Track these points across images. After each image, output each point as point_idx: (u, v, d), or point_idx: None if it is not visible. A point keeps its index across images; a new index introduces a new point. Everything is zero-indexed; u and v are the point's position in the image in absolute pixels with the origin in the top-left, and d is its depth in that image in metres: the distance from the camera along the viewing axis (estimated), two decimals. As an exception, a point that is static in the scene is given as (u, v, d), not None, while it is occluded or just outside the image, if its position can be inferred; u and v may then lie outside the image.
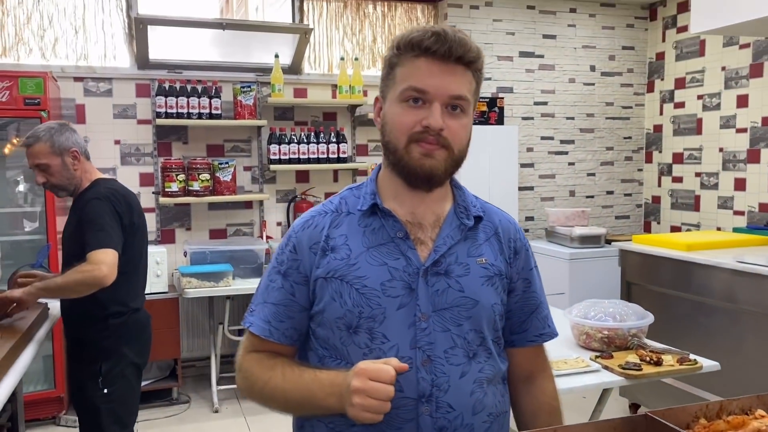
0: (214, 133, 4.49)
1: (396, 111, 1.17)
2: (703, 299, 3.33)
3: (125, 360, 2.43)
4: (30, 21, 4.12)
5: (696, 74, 5.00)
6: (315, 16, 4.72)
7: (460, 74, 1.16)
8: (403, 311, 1.17)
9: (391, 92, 1.19)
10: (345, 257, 1.19)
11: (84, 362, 2.40)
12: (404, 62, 1.16)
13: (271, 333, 1.22)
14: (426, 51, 1.14)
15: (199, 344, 4.49)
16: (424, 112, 1.14)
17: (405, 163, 1.17)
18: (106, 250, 2.25)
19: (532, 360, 1.36)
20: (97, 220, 2.29)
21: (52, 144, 2.39)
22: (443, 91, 1.14)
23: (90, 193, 2.40)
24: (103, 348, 2.38)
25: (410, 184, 1.20)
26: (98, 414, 2.38)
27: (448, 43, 1.13)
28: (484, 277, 1.23)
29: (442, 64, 1.14)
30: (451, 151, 1.17)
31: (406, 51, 1.16)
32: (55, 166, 2.40)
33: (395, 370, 1.05)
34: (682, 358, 2.29)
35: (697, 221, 5.02)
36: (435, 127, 1.13)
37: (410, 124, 1.15)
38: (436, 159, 1.16)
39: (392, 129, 1.18)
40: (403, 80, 1.16)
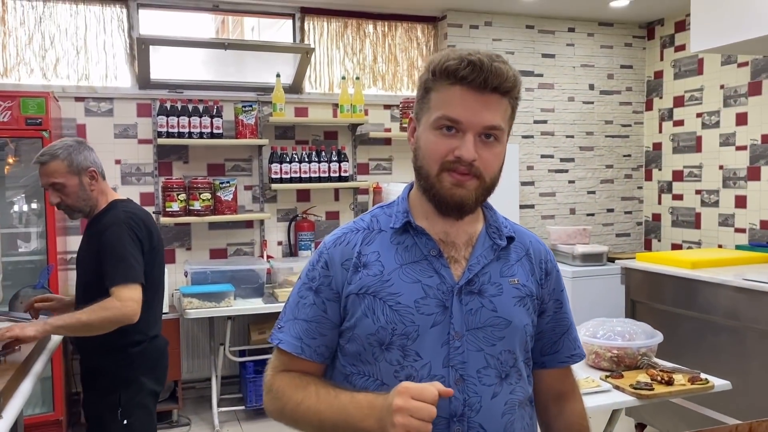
0: (215, 153, 4.49)
1: (429, 138, 1.16)
2: (709, 317, 3.31)
3: (144, 389, 2.33)
4: (32, 41, 4.12)
5: (695, 92, 5.02)
6: (316, 36, 4.74)
7: (495, 103, 1.14)
8: (436, 329, 1.15)
9: (425, 117, 1.17)
10: (378, 273, 1.18)
11: (101, 392, 2.29)
12: (439, 88, 1.15)
13: (303, 350, 1.21)
14: (462, 80, 1.12)
15: (199, 365, 4.44)
16: (457, 141, 1.13)
17: (436, 191, 1.16)
18: (131, 286, 2.17)
19: (562, 381, 1.35)
20: (119, 249, 2.20)
21: (70, 163, 2.28)
22: (477, 121, 1.13)
23: (108, 218, 2.29)
24: (122, 378, 2.28)
25: (441, 211, 1.19)
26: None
27: (484, 74, 1.11)
28: (516, 297, 1.22)
29: (477, 94, 1.12)
30: (483, 181, 1.16)
31: (442, 77, 1.14)
32: (71, 186, 2.28)
33: (440, 393, 1.03)
34: (693, 377, 2.27)
35: (698, 239, 5.02)
36: (467, 159, 1.12)
37: (443, 153, 1.14)
38: (466, 189, 1.15)
39: (425, 155, 1.17)
40: (438, 107, 1.14)
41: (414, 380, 1.13)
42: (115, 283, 2.16)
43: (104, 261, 2.20)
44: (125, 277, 2.17)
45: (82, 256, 2.36)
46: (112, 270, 2.18)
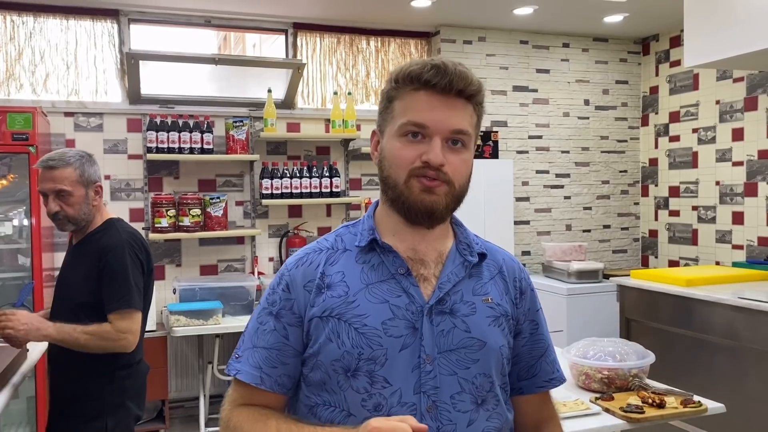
0: (206, 168, 4.44)
1: (395, 145, 1.12)
2: (704, 336, 3.25)
3: (130, 414, 2.27)
4: (21, 57, 4.10)
5: (690, 108, 4.99)
6: (308, 51, 4.72)
7: (460, 108, 1.11)
8: (406, 352, 1.09)
9: (389, 126, 1.14)
10: (343, 294, 1.12)
11: (87, 418, 2.19)
12: (403, 96, 1.12)
13: (262, 380, 1.13)
14: (426, 84, 1.10)
15: (187, 384, 4.36)
16: (424, 146, 1.09)
17: (405, 199, 1.11)
18: (132, 315, 2.15)
19: (540, 407, 1.28)
20: (123, 273, 2.16)
21: (81, 173, 2.22)
22: (444, 125, 1.09)
23: (109, 238, 2.22)
24: (110, 403, 2.20)
25: (410, 220, 1.14)
26: None
27: (449, 76, 1.09)
28: (490, 316, 1.16)
29: (442, 98, 1.10)
30: (453, 187, 1.12)
31: (405, 84, 1.12)
32: (78, 196, 2.21)
33: (414, 430, 0.96)
34: (686, 399, 2.20)
35: (695, 255, 4.96)
36: (435, 163, 1.08)
37: (410, 159, 1.10)
38: (437, 195, 1.10)
39: (391, 164, 1.12)
40: (402, 114, 1.11)
41: (383, 409, 1.07)
42: (115, 309, 2.13)
43: (105, 284, 2.15)
44: (127, 304, 2.14)
45: (70, 275, 2.28)
46: (114, 294, 2.14)
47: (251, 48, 7.15)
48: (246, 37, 7.22)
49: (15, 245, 3.83)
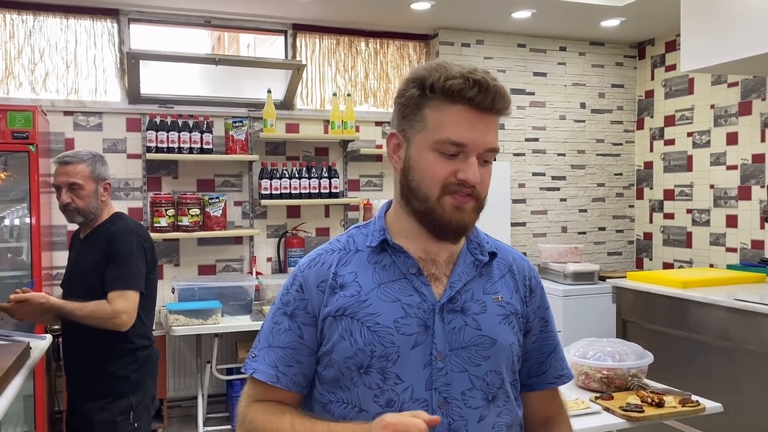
0: (205, 168, 4.45)
1: (430, 159, 1.11)
2: (700, 337, 3.29)
3: (149, 393, 2.49)
4: (21, 55, 4.10)
5: (685, 112, 5.04)
6: (308, 53, 4.74)
7: (494, 124, 1.12)
8: (418, 350, 1.11)
9: (420, 135, 1.12)
10: (355, 294, 1.14)
11: (114, 397, 2.37)
12: (438, 107, 1.09)
13: (278, 379, 1.16)
14: (469, 101, 1.08)
15: (185, 384, 4.37)
16: (458, 163, 1.09)
17: (437, 216, 1.12)
18: (127, 294, 2.31)
19: (549, 403, 1.31)
20: (126, 254, 2.34)
21: (93, 170, 2.45)
22: (481, 144, 1.10)
23: (117, 227, 2.43)
24: (133, 381, 2.40)
25: (438, 236, 1.15)
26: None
27: (491, 95, 1.08)
28: (501, 315, 1.18)
29: (482, 116, 1.09)
30: (480, 202, 1.14)
31: (441, 95, 1.09)
32: (88, 190, 2.43)
33: (426, 423, 0.98)
34: (684, 399, 2.24)
35: (689, 258, 5.01)
36: (473, 182, 1.09)
37: (445, 176, 1.10)
38: (466, 212, 1.12)
39: (423, 177, 1.11)
40: (440, 128, 1.09)
41: (395, 405, 1.09)
42: (115, 288, 2.30)
43: (110, 265, 2.34)
44: (126, 284, 2.32)
45: (82, 265, 2.44)
46: (115, 274, 2.33)
47: (245, 48, 7.16)
48: (240, 37, 7.23)
49: (14, 244, 3.83)
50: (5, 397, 1.94)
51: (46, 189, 3.95)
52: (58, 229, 4.11)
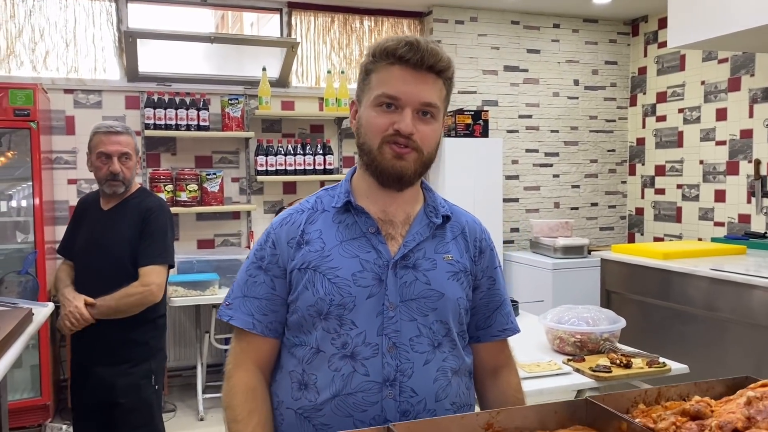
0: (203, 145, 4.56)
1: (370, 114, 1.24)
2: (681, 307, 3.40)
3: (165, 357, 2.67)
4: (21, 34, 4.19)
5: (677, 88, 5.10)
6: (303, 30, 4.81)
7: (431, 82, 1.23)
8: (372, 300, 1.23)
9: (366, 97, 1.26)
10: (319, 249, 1.26)
11: (137, 362, 2.49)
12: (379, 69, 1.23)
13: (254, 326, 1.28)
14: (400, 59, 1.21)
15: (185, 353, 4.52)
16: (396, 116, 1.22)
17: (378, 164, 1.24)
18: (158, 269, 2.44)
19: (497, 355, 1.42)
20: (162, 230, 2.48)
21: (135, 143, 2.58)
22: (414, 98, 1.21)
23: (150, 202, 2.54)
24: (153, 347, 2.54)
25: (382, 183, 1.27)
26: (152, 409, 2.53)
27: (421, 53, 1.20)
28: (450, 272, 1.30)
29: (414, 72, 1.21)
30: (421, 154, 1.24)
31: (381, 59, 1.23)
32: (133, 162, 2.54)
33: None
34: (651, 360, 2.35)
35: (679, 232, 5.10)
36: (405, 132, 1.21)
37: (383, 127, 1.22)
38: (406, 161, 1.23)
39: (367, 131, 1.25)
40: (378, 86, 1.23)
41: (348, 347, 1.22)
42: (149, 263, 2.43)
43: (146, 240, 2.45)
44: (161, 258, 2.46)
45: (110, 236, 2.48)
46: (154, 250, 2.45)
47: (249, 27, 7.22)
48: (243, 15, 7.29)
49: (19, 218, 3.95)
50: (6, 359, 2.06)
51: (48, 165, 4.07)
52: (60, 204, 4.24)
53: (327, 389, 1.21)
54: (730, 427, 0.86)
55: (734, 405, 0.92)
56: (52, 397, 3.85)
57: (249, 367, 1.29)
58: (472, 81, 5.13)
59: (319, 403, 1.22)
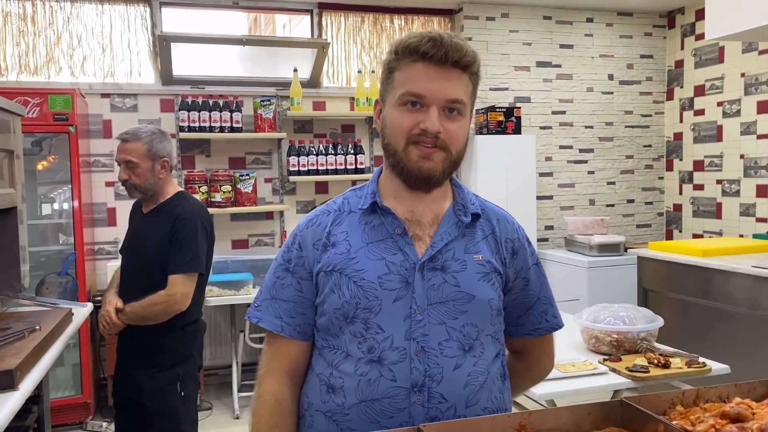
0: (236, 146, 4.61)
1: (395, 114, 1.20)
2: (722, 305, 3.31)
3: (195, 364, 2.59)
4: (60, 41, 4.30)
5: (715, 81, 4.97)
6: (333, 31, 4.83)
7: (456, 78, 1.19)
8: (399, 303, 1.20)
9: (389, 96, 1.22)
10: (345, 252, 1.23)
11: (163, 367, 2.49)
12: (402, 67, 1.20)
13: (282, 328, 1.27)
14: (423, 56, 1.17)
15: (221, 352, 4.58)
16: (421, 115, 1.17)
17: (404, 165, 1.20)
18: (183, 278, 2.40)
19: (531, 342, 1.40)
20: (191, 237, 2.43)
21: (149, 147, 2.47)
22: (440, 95, 1.17)
23: (182, 207, 2.49)
24: (180, 354, 2.51)
25: (409, 185, 1.23)
26: (177, 416, 2.50)
27: (444, 48, 1.16)
28: (480, 273, 1.25)
29: (438, 69, 1.17)
30: (449, 153, 1.20)
31: (404, 56, 1.19)
32: (144, 168, 2.47)
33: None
34: (691, 360, 2.30)
35: (719, 229, 4.98)
36: (432, 131, 1.17)
37: (408, 127, 1.18)
38: (434, 161, 1.19)
39: (391, 131, 1.21)
40: (402, 85, 1.19)
41: (375, 351, 1.19)
42: (176, 271, 2.40)
43: (175, 247, 2.42)
44: (188, 266, 2.42)
45: (146, 239, 2.51)
46: (182, 258, 2.42)
47: (281, 28, 7.27)
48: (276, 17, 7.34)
49: (58, 221, 4.05)
50: (47, 357, 2.11)
51: (86, 168, 4.16)
52: (98, 206, 4.33)
53: (353, 394, 1.19)
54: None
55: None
56: (93, 395, 3.94)
57: (279, 375, 1.28)
58: (504, 78, 5.08)
59: (347, 407, 1.20)
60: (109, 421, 3.84)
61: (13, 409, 1.70)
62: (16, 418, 1.91)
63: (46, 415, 2.68)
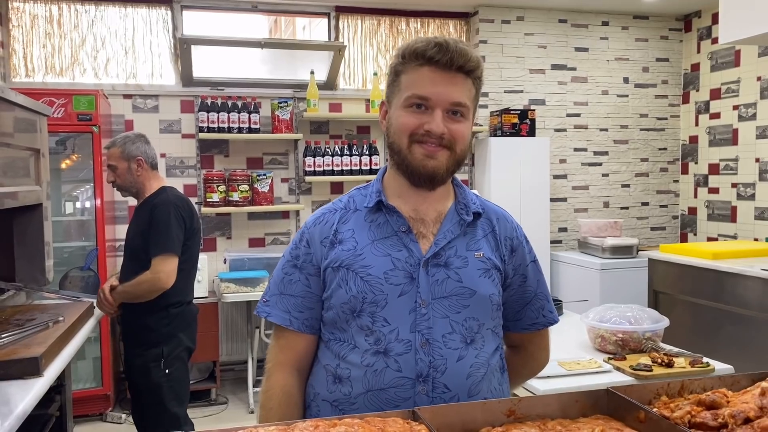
0: (254, 147, 4.71)
1: (400, 114, 1.25)
2: (731, 308, 3.33)
3: (182, 344, 2.78)
4: (84, 43, 4.43)
5: (731, 84, 4.97)
6: (350, 34, 4.91)
7: (460, 82, 1.25)
8: (404, 298, 1.26)
9: (396, 98, 1.28)
10: (351, 248, 1.29)
11: (148, 346, 2.71)
12: (408, 70, 1.25)
13: (291, 322, 1.32)
14: (429, 60, 1.22)
15: (237, 348, 4.68)
16: (426, 116, 1.23)
17: (408, 163, 1.26)
18: (166, 258, 2.62)
19: (528, 337, 1.45)
20: (165, 222, 2.65)
21: (122, 150, 2.78)
22: (444, 98, 1.23)
23: (158, 199, 2.73)
24: (164, 333, 2.71)
25: (414, 183, 1.29)
26: (161, 392, 2.71)
27: (450, 54, 1.22)
28: (481, 269, 1.31)
29: (444, 73, 1.22)
30: (453, 152, 1.26)
31: (411, 60, 1.24)
32: (121, 169, 2.78)
33: None
34: (695, 360, 2.33)
35: (734, 232, 4.97)
36: (436, 132, 1.23)
37: (413, 127, 1.24)
38: (438, 159, 1.25)
39: (396, 131, 1.27)
40: (408, 87, 1.24)
41: (381, 343, 1.25)
42: (155, 254, 2.63)
43: (150, 233, 2.65)
44: (164, 248, 2.63)
45: (134, 231, 2.78)
46: (155, 241, 2.64)
47: (301, 31, 7.37)
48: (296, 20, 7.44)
49: (82, 217, 4.18)
50: (70, 348, 2.21)
51: (108, 167, 4.28)
52: (120, 204, 4.45)
53: (360, 384, 1.24)
54: (743, 416, 0.88)
55: (749, 396, 0.94)
56: (113, 387, 4.05)
57: (287, 368, 1.33)
58: (518, 80, 5.12)
59: (353, 396, 1.25)
60: (128, 413, 3.94)
61: (38, 394, 1.79)
62: (40, 405, 2.00)
63: (68, 404, 2.79)
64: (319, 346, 1.36)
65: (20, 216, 2.70)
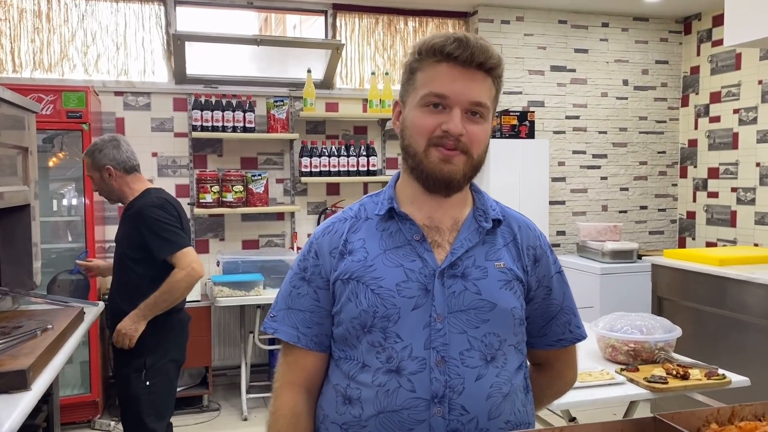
0: (248, 146, 4.59)
1: (416, 115, 1.17)
2: (737, 315, 3.26)
3: (168, 356, 2.64)
4: (74, 38, 4.29)
5: (732, 88, 4.92)
6: (347, 32, 4.81)
7: (480, 80, 1.16)
8: (418, 312, 1.16)
9: (411, 97, 1.19)
10: (362, 259, 1.20)
11: (130, 355, 2.57)
12: (425, 67, 1.16)
13: (299, 339, 1.23)
14: (448, 57, 1.14)
15: (230, 353, 4.56)
16: (444, 116, 1.14)
17: (424, 167, 1.17)
18: (185, 252, 2.54)
19: (554, 354, 1.36)
20: (161, 225, 2.55)
21: (92, 160, 2.69)
22: (464, 96, 1.14)
23: (142, 202, 2.62)
24: (148, 343, 2.56)
25: (428, 189, 1.20)
26: (139, 405, 2.58)
27: (470, 49, 1.13)
28: (502, 281, 1.21)
29: (463, 70, 1.14)
30: (470, 157, 1.17)
31: (428, 56, 1.16)
32: (95, 179, 2.71)
33: None
34: (710, 372, 2.26)
35: (733, 237, 4.93)
36: (455, 133, 1.14)
37: (430, 128, 1.15)
38: (454, 164, 1.16)
39: (412, 132, 1.18)
40: (424, 85, 1.16)
41: (394, 361, 1.15)
42: (169, 253, 2.53)
43: (149, 239, 2.54)
44: (176, 246, 2.54)
45: (120, 235, 2.69)
46: (159, 243, 2.53)
47: (291, 29, 7.26)
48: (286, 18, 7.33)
49: (70, 218, 4.05)
50: (59, 357, 2.10)
51: (98, 166, 4.15)
52: (109, 204, 4.31)
53: (371, 405, 1.15)
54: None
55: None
56: (102, 393, 3.93)
57: (296, 388, 1.25)
58: (518, 81, 5.05)
59: (364, 419, 1.16)
60: (116, 420, 3.82)
61: (26, 409, 1.68)
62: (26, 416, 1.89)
63: (56, 413, 2.67)
64: (330, 364, 1.26)
65: (7, 217, 2.58)
